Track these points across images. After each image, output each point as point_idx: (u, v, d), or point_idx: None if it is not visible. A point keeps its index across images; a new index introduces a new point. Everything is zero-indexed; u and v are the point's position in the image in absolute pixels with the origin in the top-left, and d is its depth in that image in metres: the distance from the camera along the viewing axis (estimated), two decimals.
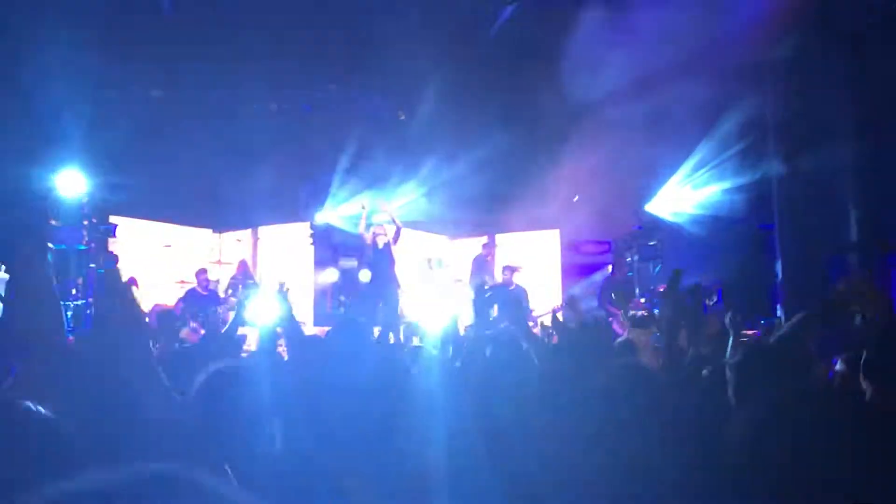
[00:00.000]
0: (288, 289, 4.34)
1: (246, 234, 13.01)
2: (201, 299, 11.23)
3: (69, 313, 11.15)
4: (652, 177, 12.64)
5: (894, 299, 10.62)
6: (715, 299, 12.23)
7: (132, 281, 8.66)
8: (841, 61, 10.72)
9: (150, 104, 12.00)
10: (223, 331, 5.28)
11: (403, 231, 12.07)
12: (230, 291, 11.87)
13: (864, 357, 2.71)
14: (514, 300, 7.98)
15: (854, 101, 10.71)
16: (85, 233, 11.19)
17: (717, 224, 12.09)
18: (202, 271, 11.70)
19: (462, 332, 5.48)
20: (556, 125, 11.62)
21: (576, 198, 12.74)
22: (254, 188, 12.09)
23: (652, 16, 9.54)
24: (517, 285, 11.58)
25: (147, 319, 9.98)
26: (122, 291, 1.74)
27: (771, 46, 10.46)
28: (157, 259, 12.12)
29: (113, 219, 11.78)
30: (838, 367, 3.70)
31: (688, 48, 9.61)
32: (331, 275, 12.65)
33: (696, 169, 12.02)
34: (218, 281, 12.61)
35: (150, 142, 11.57)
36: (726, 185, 11.86)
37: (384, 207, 11.97)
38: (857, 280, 3.23)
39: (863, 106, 10.74)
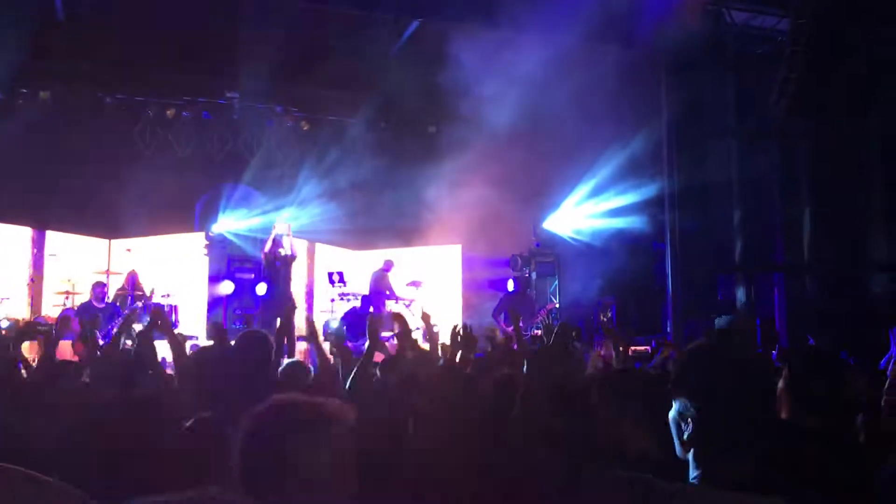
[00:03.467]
0: None
1: (137, 243, 12.50)
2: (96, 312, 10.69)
3: None
4: (550, 194, 12.87)
5: (776, 317, 10.88)
6: (609, 314, 12.48)
7: None
8: (729, 82, 11.19)
9: (38, 106, 11.51)
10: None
11: (304, 243, 11.88)
12: (118, 302, 11.39)
13: None
14: None
15: (738, 123, 11.20)
16: None
17: (612, 242, 12.38)
18: (100, 284, 11.15)
19: None
20: (456, 141, 11.69)
21: None
22: (147, 196, 11.69)
23: (549, 35, 9.74)
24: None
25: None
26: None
27: (664, 58, 10.84)
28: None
29: None
30: None
31: (583, 62, 9.86)
32: (226, 287, 12.36)
33: (593, 187, 12.30)
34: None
35: (39, 145, 11.12)
36: (622, 203, 12.17)
37: (281, 225, 11.78)
38: (742, 319, 3.54)
39: (747, 130, 11.22)
